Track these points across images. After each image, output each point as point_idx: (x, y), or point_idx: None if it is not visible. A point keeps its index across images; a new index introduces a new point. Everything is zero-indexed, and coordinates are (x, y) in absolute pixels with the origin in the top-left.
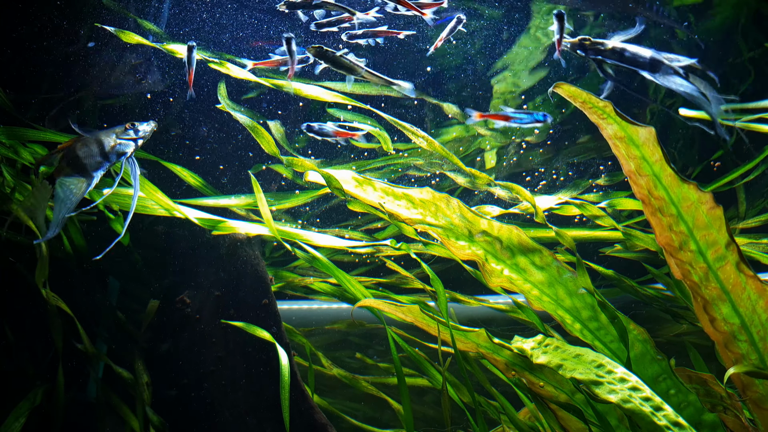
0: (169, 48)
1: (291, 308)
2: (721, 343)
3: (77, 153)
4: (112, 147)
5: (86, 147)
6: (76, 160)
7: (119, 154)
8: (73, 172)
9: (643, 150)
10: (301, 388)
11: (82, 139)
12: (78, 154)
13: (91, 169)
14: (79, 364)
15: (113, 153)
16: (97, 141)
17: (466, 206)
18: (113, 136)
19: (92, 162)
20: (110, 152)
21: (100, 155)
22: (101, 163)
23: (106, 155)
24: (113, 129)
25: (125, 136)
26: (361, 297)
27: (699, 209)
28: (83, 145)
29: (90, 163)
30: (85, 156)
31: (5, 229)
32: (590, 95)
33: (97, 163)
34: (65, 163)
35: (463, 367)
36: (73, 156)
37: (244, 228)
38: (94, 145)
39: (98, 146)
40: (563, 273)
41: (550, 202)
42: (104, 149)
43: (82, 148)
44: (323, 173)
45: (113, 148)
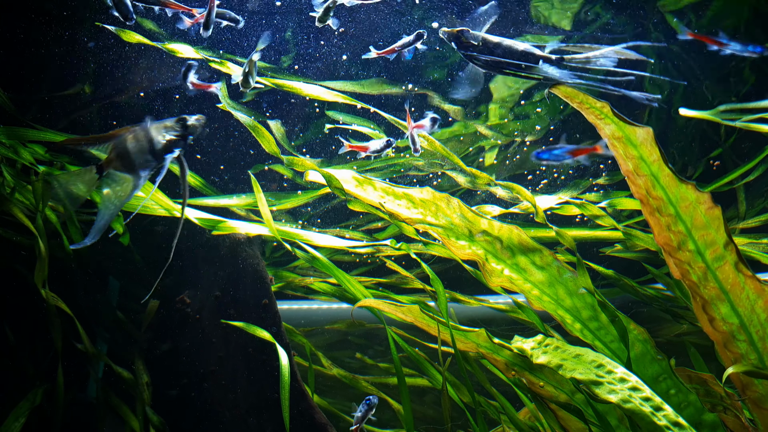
0: (169, 48)
1: (291, 308)
2: (721, 342)
3: (128, 146)
4: (163, 145)
5: (137, 142)
6: (125, 155)
7: (168, 152)
8: (122, 168)
9: (641, 150)
10: (301, 388)
11: (134, 132)
12: (128, 147)
13: (139, 167)
14: (79, 364)
15: (163, 151)
16: (148, 136)
17: (467, 206)
18: (163, 132)
19: (141, 159)
20: (160, 150)
21: (149, 152)
22: (149, 162)
23: (155, 153)
24: (162, 122)
25: (175, 132)
26: (361, 297)
27: (697, 209)
28: (135, 138)
29: (139, 161)
30: (136, 151)
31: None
32: (587, 96)
33: (145, 162)
34: (115, 154)
35: (463, 367)
36: (123, 149)
37: (245, 228)
38: (144, 140)
39: (149, 142)
40: (563, 273)
41: (550, 202)
42: (154, 146)
43: (133, 142)
44: (324, 173)
45: (164, 146)
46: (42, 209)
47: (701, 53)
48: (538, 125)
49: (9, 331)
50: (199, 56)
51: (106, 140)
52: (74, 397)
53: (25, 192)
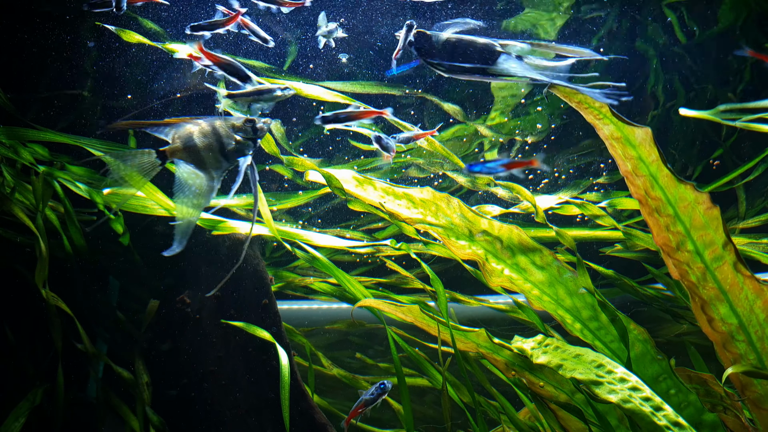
0: (169, 47)
1: (291, 308)
2: (720, 343)
3: (195, 140)
4: (234, 147)
5: (205, 137)
6: (193, 149)
7: (240, 154)
8: (190, 161)
9: (639, 150)
10: (301, 388)
11: (198, 125)
12: (196, 142)
13: (210, 166)
14: (79, 364)
15: (235, 153)
16: (216, 133)
17: (467, 206)
18: (232, 132)
19: (211, 159)
20: (232, 152)
21: (219, 152)
22: (221, 163)
23: (226, 154)
24: (228, 120)
25: (244, 134)
26: (361, 297)
27: (696, 209)
28: (202, 134)
29: (209, 160)
30: (205, 148)
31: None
32: (585, 95)
33: (216, 162)
34: (181, 144)
35: (463, 367)
36: (189, 141)
37: (245, 228)
38: (212, 137)
39: (217, 141)
40: (563, 273)
41: (550, 202)
42: (224, 146)
43: (201, 137)
44: (324, 173)
45: (235, 148)
46: (42, 209)
47: (702, 54)
48: (539, 123)
49: (9, 331)
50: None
51: (164, 126)
52: (74, 397)
53: (25, 192)
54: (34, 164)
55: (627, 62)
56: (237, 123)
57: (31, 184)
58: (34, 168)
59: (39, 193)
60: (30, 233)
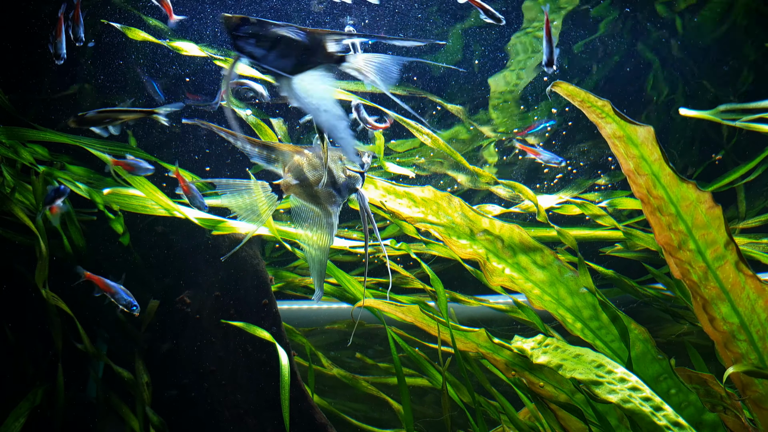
0: (174, 45)
1: (291, 308)
2: (721, 342)
3: (306, 173)
4: (345, 182)
5: (316, 171)
6: (305, 182)
7: (350, 190)
8: (304, 197)
9: (641, 149)
10: (301, 388)
11: (308, 158)
12: (307, 175)
13: (325, 201)
14: (79, 364)
15: (347, 189)
16: (327, 167)
17: (468, 205)
18: (340, 164)
19: (324, 192)
20: (343, 187)
21: (332, 186)
22: (335, 198)
23: (337, 188)
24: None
25: (352, 167)
26: (361, 297)
27: (698, 208)
28: (312, 167)
29: (323, 194)
30: (316, 181)
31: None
32: (588, 94)
33: (330, 197)
34: (294, 179)
35: (463, 367)
36: (301, 175)
37: (245, 228)
38: (324, 170)
39: (329, 174)
40: (564, 272)
41: (551, 202)
42: (335, 180)
43: (311, 170)
44: None
45: (346, 183)
46: (42, 209)
47: (702, 55)
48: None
49: (9, 331)
50: (204, 54)
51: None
52: (74, 397)
53: (25, 192)
54: (34, 164)
55: (627, 62)
56: (344, 155)
57: (31, 184)
58: (34, 168)
59: (39, 193)
60: (30, 233)
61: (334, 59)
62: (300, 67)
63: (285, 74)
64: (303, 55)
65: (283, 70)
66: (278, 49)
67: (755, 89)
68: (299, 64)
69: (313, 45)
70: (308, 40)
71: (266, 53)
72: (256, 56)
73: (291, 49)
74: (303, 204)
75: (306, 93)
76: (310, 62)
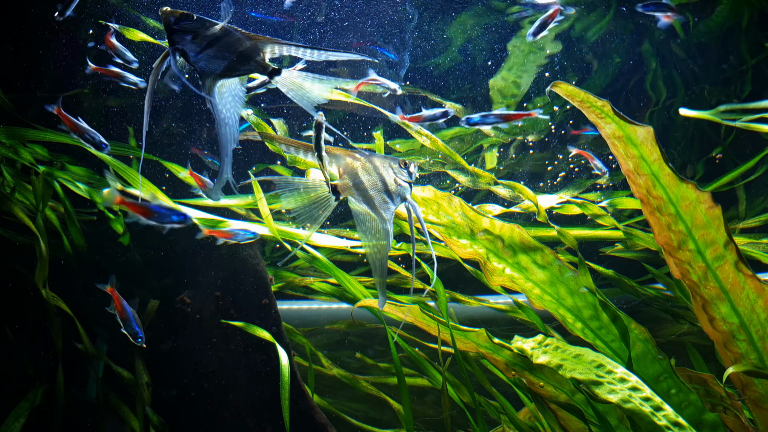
0: None
1: (291, 308)
2: (721, 342)
3: (360, 177)
4: (396, 189)
5: (369, 176)
6: (360, 186)
7: (401, 198)
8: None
9: (641, 149)
10: (301, 388)
11: (361, 162)
12: (362, 179)
13: (378, 206)
14: (79, 364)
15: (396, 195)
16: (379, 173)
17: (468, 205)
18: (391, 172)
19: (378, 197)
20: (394, 194)
21: (384, 192)
22: (388, 204)
23: (390, 195)
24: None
25: (402, 177)
26: (361, 297)
27: (697, 208)
28: (366, 171)
29: (378, 199)
30: (371, 187)
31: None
32: (588, 94)
33: (384, 203)
34: (350, 181)
35: (463, 367)
36: (356, 178)
37: (245, 228)
38: (376, 176)
39: (381, 181)
40: (565, 272)
41: (551, 201)
42: (387, 187)
43: (366, 175)
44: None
45: (397, 190)
46: (42, 209)
47: (702, 56)
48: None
49: (9, 331)
50: None
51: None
52: (74, 397)
53: (25, 192)
54: (34, 164)
55: (628, 62)
56: (394, 164)
57: (31, 184)
58: (34, 168)
59: (39, 193)
60: (30, 233)
61: (267, 71)
62: (230, 71)
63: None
64: (236, 61)
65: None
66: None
67: (756, 90)
68: (230, 68)
69: (249, 52)
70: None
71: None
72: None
73: (226, 51)
74: (360, 208)
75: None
76: (241, 69)
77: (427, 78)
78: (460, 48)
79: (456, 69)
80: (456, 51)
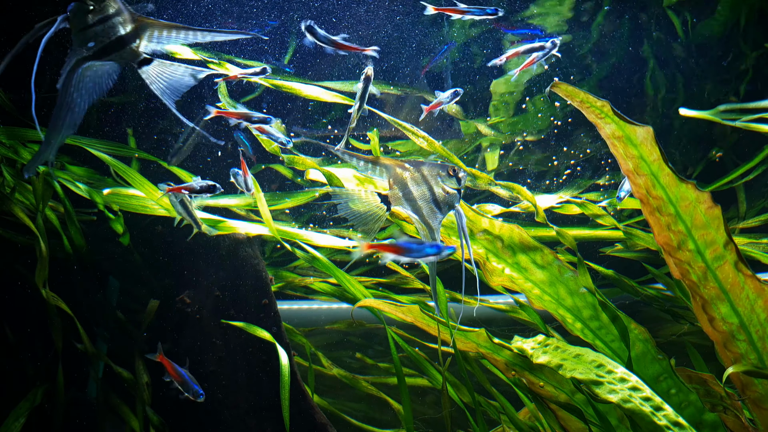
0: (166, 48)
1: (291, 308)
2: (720, 342)
3: (409, 186)
4: (445, 199)
5: (419, 186)
6: (409, 196)
7: (450, 207)
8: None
9: (641, 149)
10: (301, 388)
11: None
12: (411, 188)
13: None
14: (79, 364)
15: (446, 205)
16: (428, 183)
17: (468, 205)
18: (440, 180)
19: (426, 207)
20: (443, 204)
21: (433, 202)
22: (436, 214)
23: (438, 205)
24: (433, 168)
25: (452, 185)
26: (361, 297)
27: (697, 208)
28: (415, 182)
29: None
30: (419, 197)
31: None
32: (588, 94)
33: (432, 213)
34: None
35: (463, 367)
36: (405, 188)
37: (244, 228)
38: (425, 186)
39: (429, 191)
40: (564, 272)
41: (551, 201)
42: (436, 197)
43: (415, 186)
44: (324, 171)
45: (446, 200)
46: (42, 209)
47: (702, 55)
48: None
49: (9, 331)
50: (198, 58)
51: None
52: (74, 397)
53: (25, 192)
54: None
55: (628, 62)
56: (442, 172)
57: (31, 184)
58: None
59: (39, 193)
60: (30, 233)
61: (137, 59)
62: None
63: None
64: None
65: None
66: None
67: (756, 90)
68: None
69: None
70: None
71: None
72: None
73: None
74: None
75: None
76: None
77: (426, 77)
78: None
79: (456, 68)
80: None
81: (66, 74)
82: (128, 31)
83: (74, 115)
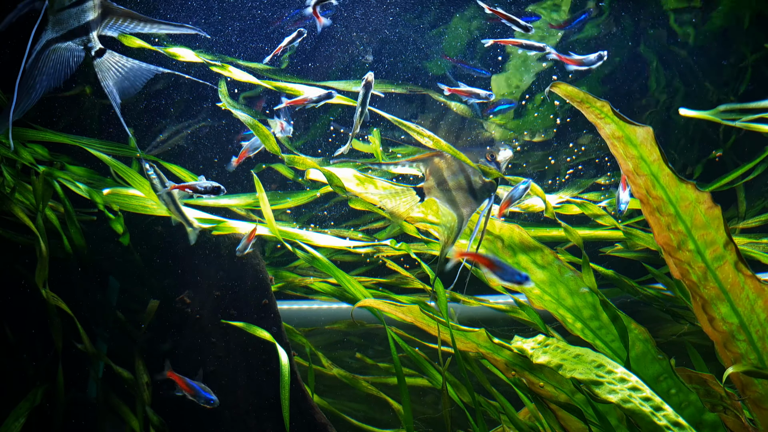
0: (170, 51)
1: (291, 308)
2: (720, 342)
3: (444, 176)
4: (482, 188)
5: (453, 175)
6: (444, 186)
7: (487, 196)
8: (441, 198)
9: (641, 149)
10: (301, 388)
11: (448, 162)
12: (446, 178)
13: (461, 204)
14: (79, 364)
15: (483, 194)
16: (465, 173)
17: None
18: (478, 169)
19: (462, 198)
20: (479, 192)
21: (469, 191)
22: (471, 203)
23: (474, 194)
24: (472, 154)
25: (486, 174)
26: (361, 297)
27: (697, 208)
28: (451, 172)
29: (460, 199)
30: (455, 187)
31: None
32: (588, 94)
33: (466, 201)
34: (435, 182)
35: (463, 367)
36: (441, 179)
37: (245, 228)
38: (461, 175)
39: (466, 180)
40: (564, 272)
41: (551, 201)
42: (472, 186)
43: (451, 176)
44: (325, 171)
45: (483, 189)
46: (42, 209)
47: (703, 55)
48: (540, 121)
49: (9, 331)
50: (200, 60)
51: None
52: (74, 397)
53: (25, 192)
54: (34, 164)
55: (628, 62)
56: (480, 158)
57: (31, 184)
58: (34, 168)
59: (39, 193)
60: (30, 233)
61: (95, 50)
62: (69, 36)
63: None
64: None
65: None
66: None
67: (756, 89)
68: (69, 33)
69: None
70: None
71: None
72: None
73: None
74: (443, 209)
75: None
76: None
77: (425, 78)
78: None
79: (455, 68)
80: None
81: (36, 54)
82: (95, 16)
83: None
